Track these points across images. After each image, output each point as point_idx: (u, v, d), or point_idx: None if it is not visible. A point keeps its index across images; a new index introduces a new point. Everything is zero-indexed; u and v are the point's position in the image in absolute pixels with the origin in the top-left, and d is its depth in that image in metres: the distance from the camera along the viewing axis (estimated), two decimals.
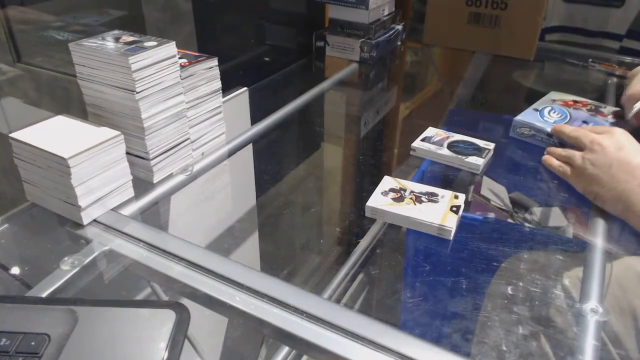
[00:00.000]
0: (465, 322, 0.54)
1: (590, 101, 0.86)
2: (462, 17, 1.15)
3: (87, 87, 0.61)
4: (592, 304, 0.49)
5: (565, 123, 0.78)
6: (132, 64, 0.55)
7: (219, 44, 0.99)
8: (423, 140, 0.77)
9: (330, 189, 0.89)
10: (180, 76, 0.62)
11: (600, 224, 0.62)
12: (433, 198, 0.62)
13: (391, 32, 1.18)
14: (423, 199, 0.62)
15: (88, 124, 0.57)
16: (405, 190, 0.64)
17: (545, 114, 0.81)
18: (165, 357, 0.37)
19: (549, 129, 0.77)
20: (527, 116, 0.81)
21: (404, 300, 0.63)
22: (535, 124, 0.78)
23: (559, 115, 0.80)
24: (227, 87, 0.76)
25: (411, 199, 0.62)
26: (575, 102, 0.86)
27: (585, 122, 0.79)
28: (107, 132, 0.55)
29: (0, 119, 0.75)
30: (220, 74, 0.69)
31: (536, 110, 0.82)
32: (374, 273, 0.63)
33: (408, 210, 0.60)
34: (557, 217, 0.88)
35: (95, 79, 0.59)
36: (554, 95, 0.88)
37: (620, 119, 0.80)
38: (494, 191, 0.92)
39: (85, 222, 0.54)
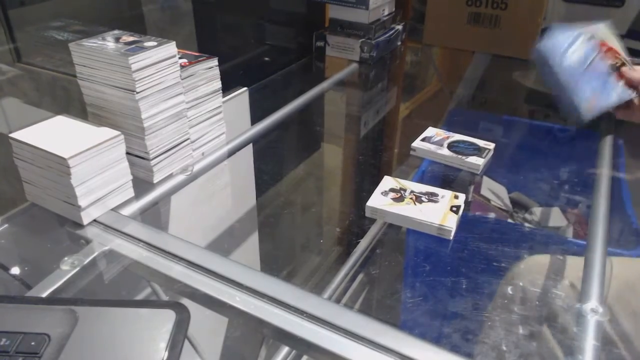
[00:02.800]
0: (465, 322, 0.54)
1: (623, 57, 0.78)
2: (462, 17, 1.15)
3: (87, 87, 0.61)
4: (592, 304, 0.49)
5: (576, 71, 0.73)
6: (132, 64, 0.55)
7: (219, 44, 0.99)
8: (423, 140, 0.77)
9: (330, 189, 0.89)
10: (180, 76, 0.62)
11: (600, 224, 0.62)
12: (433, 198, 0.62)
13: (391, 32, 1.18)
14: (423, 198, 0.62)
15: (88, 124, 0.57)
16: (405, 190, 0.64)
17: (573, 47, 0.74)
18: (165, 357, 0.37)
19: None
20: (556, 38, 0.74)
21: (404, 300, 0.63)
22: (555, 57, 0.73)
23: (580, 56, 0.74)
24: (227, 87, 0.76)
25: (411, 199, 0.62)
26: (610, 49, 0.78)
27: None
28: (107, 132, 0.55)
29: (0, 119, 0.75)
30: (220, 74, 0.69)
31: (569, 37, 0.75)
32: (374, 273, 0.63)
33: (408, 210, 0.60)
34: (557, 217, 0.88)
35: (95, 79, 0.59)
36: (602, 29, 0.80)
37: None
38: (494, 191, 0.92)
39: (85, 222, 0.54)
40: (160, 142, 0.62)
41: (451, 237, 0.58)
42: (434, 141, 0.76)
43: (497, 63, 1.17)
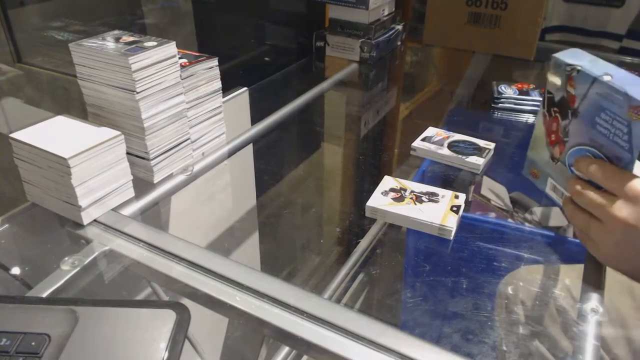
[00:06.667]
0: (466, 322, 0.54)
1: None
2: (462, 17, 1.15)
3: (87, 87, 0.61)
4: (592, 303, 0.49)
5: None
6: (132, 64, 0.55)
7: (219, 44, 0.99)
8: (423, 140, 0.77)
9: (331, 189, 0.89)
10: (181, 76, 0.62)
11: None
12: (433, 198, 0.62)
13: (391, 32, 1.18)
14: (423, 198, 0.62)
15: (88, 124, 0.57)
16: (405, 190, 0.64)
17: None
18: (166, 357, 0.37)
19: None
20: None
21: (404, 300, 0.63)
22: None
23: None
24: (227, 87, 0.76)
25: (411, 198, 0.62)
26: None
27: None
28: (107, 132, 0.55)
29: (0, 119, 0.75)
30: (220, 74, 0.69)
31: None
32: (374, 273, 0.63)
33: (408, 210, 0.60)
34: (557, 217, 0.88)
35: (95, 79, 0.59)
36: None
37: None
38: (494, 191, 0.92)
39: (85, 222, 0.54)
40: (161, 142, 0.62)
41: (451, 237, 0.58)
42: (434, 141, 0.76)
43: (497, 63, 1.17)
